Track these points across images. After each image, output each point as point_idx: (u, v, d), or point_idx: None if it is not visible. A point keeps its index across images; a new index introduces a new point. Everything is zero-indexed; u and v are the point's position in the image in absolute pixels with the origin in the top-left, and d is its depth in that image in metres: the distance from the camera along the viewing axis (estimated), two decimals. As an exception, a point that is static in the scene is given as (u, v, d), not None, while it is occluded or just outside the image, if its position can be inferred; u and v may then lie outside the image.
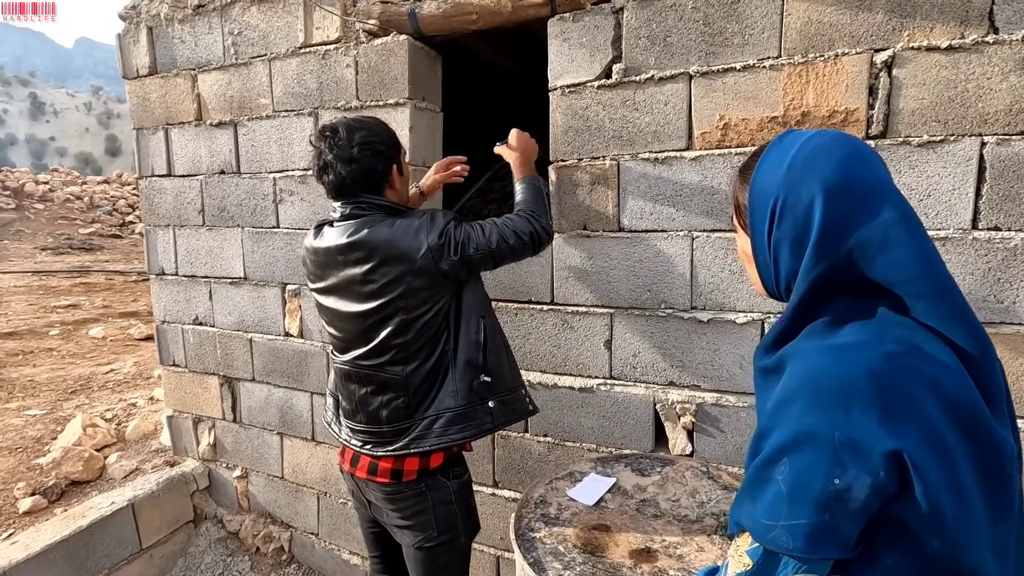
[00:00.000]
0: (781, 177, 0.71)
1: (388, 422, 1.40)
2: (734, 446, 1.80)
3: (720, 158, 1.70)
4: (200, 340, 2.84)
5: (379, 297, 1.33)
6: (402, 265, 1.31)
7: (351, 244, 1.34)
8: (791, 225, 0.70)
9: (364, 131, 1.36)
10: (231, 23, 2.48)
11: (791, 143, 0.75)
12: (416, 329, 1.34)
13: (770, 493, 0.66)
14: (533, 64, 3.25)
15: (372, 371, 1.39)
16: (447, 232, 1.33)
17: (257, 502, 2.87)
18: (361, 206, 1.37)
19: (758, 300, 1.71)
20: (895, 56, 1.48)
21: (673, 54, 1.72)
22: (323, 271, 1.42)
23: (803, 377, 0.70)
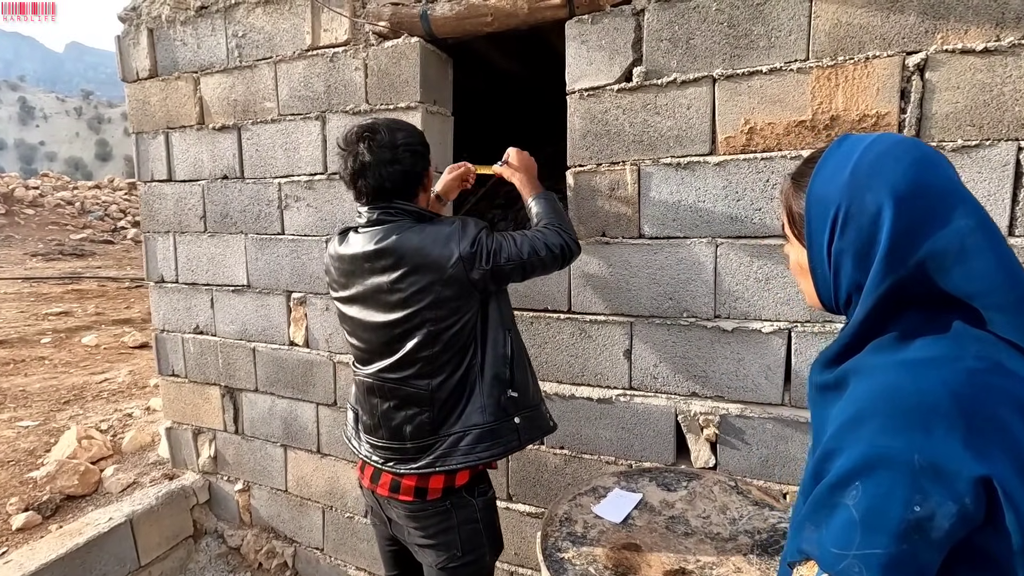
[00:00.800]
0: (843, 184, 0.67)
1: (412, 438, 1.34)
2: (759, 459, 1.75)
3: (745, 163, 1.66)
4: (201, 349, 2.76)
5: (406, 307, 1.27)
6: (432, 274, 1.25)
7: (378, 251, 1.28)
8: (855, 235, 0.66)
9: (404, 132, 1.31)
10: (235, 25, 2.42)
11: (851, 148, 0.70)
12: (444, 341, 1.28)
13: (840, 519, 0.61)
14: (539, 68, 3.22)
15: (396, 384, 1.33)
16: (479, 241, 1.28)
17: (259, 516, 2.79)
18: (390, 211, 1.32)
19: (785, 309, 1.67)
20: (928, 59, 1.44)
21: (696, 57, 1.68)
22: (347, 279, 1.36)
23: (876, 394, 0.65)
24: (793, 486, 1.72)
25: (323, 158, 2.31)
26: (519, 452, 2.04)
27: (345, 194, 2.28)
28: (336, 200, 2.30)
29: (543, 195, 1.54)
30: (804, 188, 0.73)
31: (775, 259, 1.66)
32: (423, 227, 1.29)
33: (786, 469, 1.73)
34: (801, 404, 1.69)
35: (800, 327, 1.66)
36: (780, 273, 1.66)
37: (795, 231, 0.77)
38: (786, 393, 1.71)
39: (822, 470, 0.66)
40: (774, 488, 1.74)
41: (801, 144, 1.59)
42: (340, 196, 2.29)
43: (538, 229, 1.40)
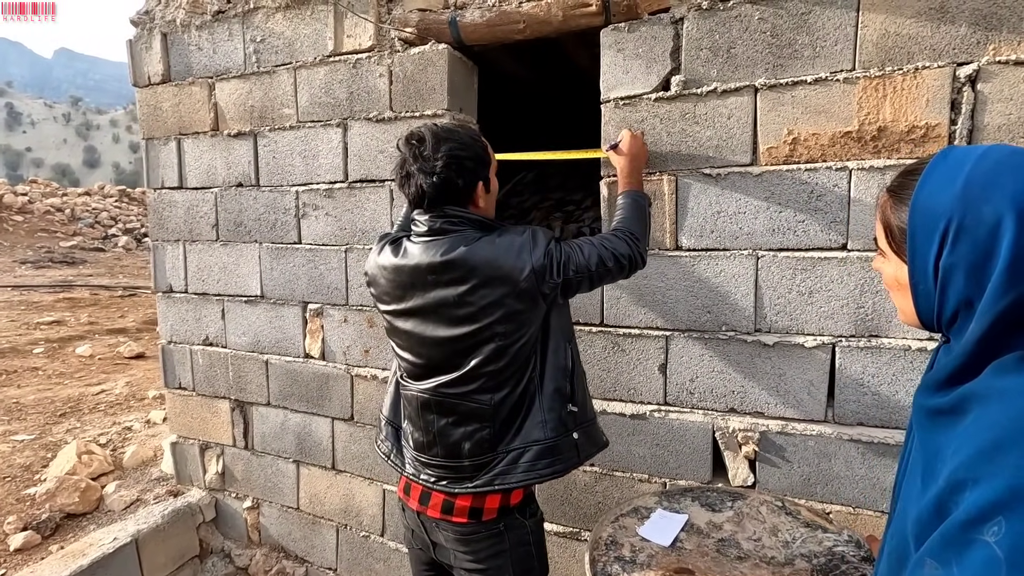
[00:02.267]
0: (955, 196, 0.63)
1: (470, 455, 1.27)
2: (801, 477, 1.71)
3: (788, 174, 1.63)
4: (210, 362, 2.68)
5: (474, 321, 1.21)
6: (504, 287, 1.19)
7: (446, 263, 1.21)
8: (969, 249, 0.62)
9: (452, 143, 1.24)
10: (253, 30, 2.37)
11: (961, 159, 0.66)
12: (510, 355, 1.23)
13: (978, 557, 0.56)
14: (552, 75, 3.20)
15: (457, 400, 1.27)
16: (550, 252, 1.22)
17: (269, 535, 2.69)
18: (452, 221, 1.25)
19: (828, 323, 1.63)
20: (980, 70, 1.42)
21: (738, 66, 1.65)
22: (404, 292, 1.29)
23: (1018, 419, 0.60)
24: (836, 505, 1.68)
25: (344, 166, 2.25)
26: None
27: (366, 203, 2.23)
28: (356, 209, 2.25)
29: (635, 194, 1.50)
30: (905, 201, 0.69)
31: (818, 272, 1.63)
32: (492, 238, 1.23)
33: (828, 488, 1.68)
34: (845, 421, 1.65)
35: (844, 341, 1.62)
36: (823, 286, 1.63)
37: (893, 245, 0.73)
38: (829, 409, 1.67)
39: (950, 502, 0.61)
40: (816, 507, 1.70)
41: (847, 155, 1.56)
42: (361, 205, 2.24)
43: (608, 235, 1.35)
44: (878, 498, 1.63)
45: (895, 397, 1.59)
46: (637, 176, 1.59)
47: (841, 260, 1.60)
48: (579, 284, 1.28)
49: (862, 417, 1.63)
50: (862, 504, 1.65)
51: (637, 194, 1.52)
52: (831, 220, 1.60)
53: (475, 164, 1.27)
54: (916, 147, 1.49)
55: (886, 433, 1.60)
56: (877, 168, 1.53)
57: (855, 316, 1.60)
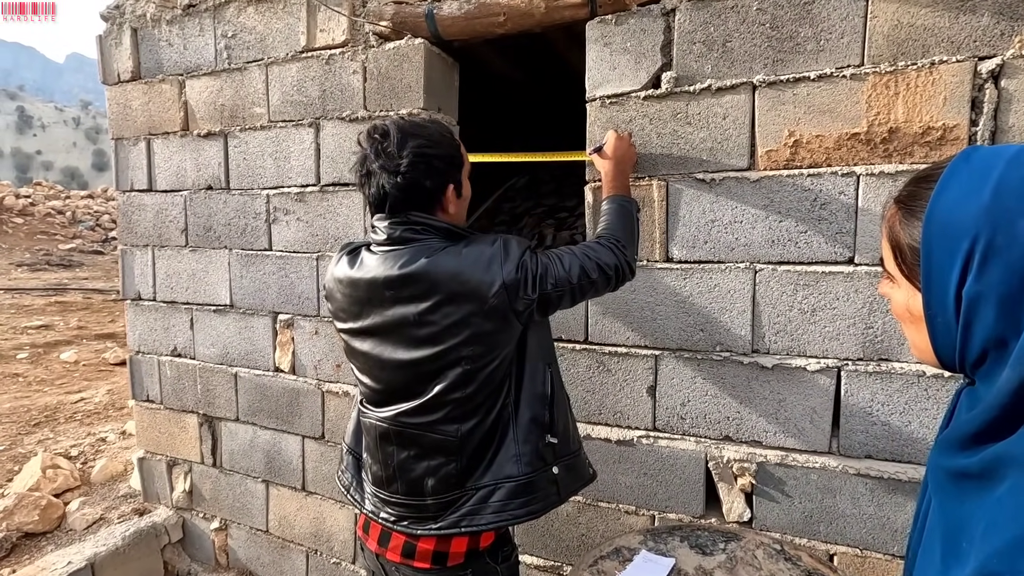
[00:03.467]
0: (983, 208, 0.50)
1: (434, 493, 1.12)
2: (802, 514, 1.55)
3: (789, 180, 1.48)
4: (178, 373, 2.54)
5: (438, 343, 1.05)
6: (470, 304, 1.04)
7: (404, 277, 1.05)
8: (1003, 275, 0.49)
9: (420, 139, 1.08)
10: (225, 24, 2.25)
11: (988, 162, 0.52)
12: (479, 381, 1.07)
13: None
14: (542, 75, 3.06)
15: (419, 430, 1.11)
16: (524, 264, 1.06)
17: (237, 558, 2.54)
18: (414, 228, 1.09)
19: (834, 344, 1.48)
20: (1004, 65, 1.27)
21: (734, 61, 1.51)
22: (361, 308, 1.13)
23: None
24: (842, 546, 1.51)
25: (316, 168, 2.12)
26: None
27: (339, 208, 2.09)
28: (329, 214, 2.11)
29: (621, 199, 1.36)
30: (918, 214, 0.56)
31: (822, 288, 1.47)
32: (458, 248, 1.07)
33: (833, 527, 1.52)
34: (851, 453, 1.49)
35: (851, 365, 1.47)
36: (828, 304, 1.47)
37: (903, 268, 0.59)
38: (834, 440, 1.51)
39: None
40: (819, 548, 1.53)
41: (854, 159, 1.41)
42: (333, 209, 2.10)
43: (591, 243, 1.20)
44: (888, 540, 1.47)
45: (907, 428, 1.43)
46: (623, 180, 1.44)
47: (847, 275, 1.44)
48: (559, 299, 1.12)
49: (870, 449, 1.47)
50: (870, 546, 1.48)
51: (623, 199, 1.37)
52: (836, 231, 1.44)
53: (445, 164, 1.11)
54: (932, 150, 1.34)
55: (897, 468, 1.44)
56: (888, 174, 1.38)
57: (863, 337, 1.44)
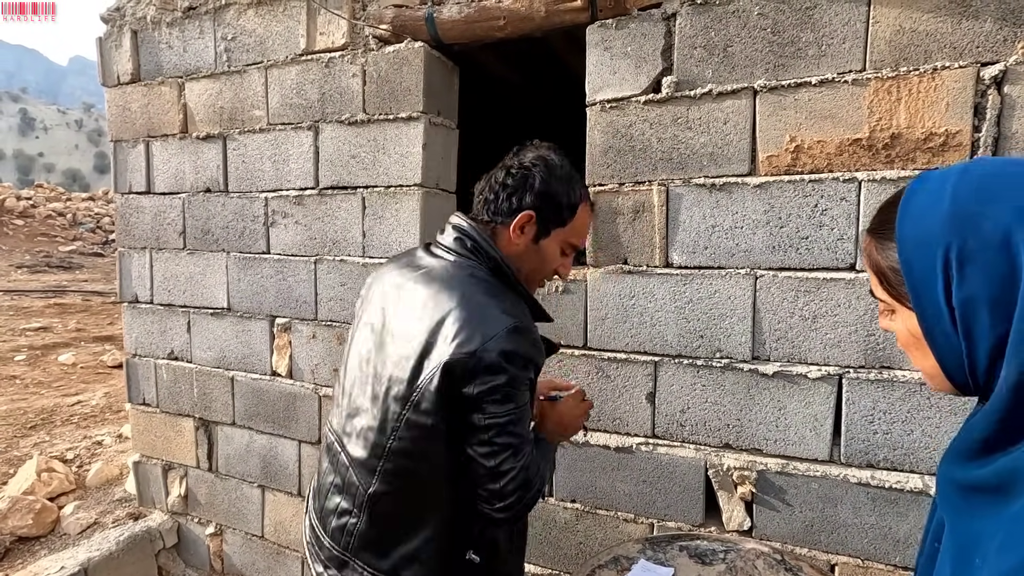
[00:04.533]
0: (945, 216, 0.51)
1: (332, 537, 1.00)
2: (803, 523, 1.53)
3: (790, 185, 1.47)
4: (175, 377, 2.52)
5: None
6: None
7: (413, 303, 0.97)
8: (982, 275, 0.49)
9: (548, 166, 1.00)
10: (225, 27, 2.24)
11: (941, 178, 0.54)
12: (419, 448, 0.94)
13: None
14: (543, 80, 3.06)
15: (347, 457, 1.00)
16: (494, 383, 0.88)
17: (232, 564, 2.51)
18: (466, 242, 1.00)
19: (835, 352, 1.46)
20: (1007, 71, 1.26)
21: (735, 66, 1.50)
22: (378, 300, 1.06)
23: None
24: (843, 556, 1.49)
25: (315, 171, 2.11)
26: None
27: (337, 211, 2.08)
28: (327, 217, 2.10)
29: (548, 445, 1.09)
30: (890, 237, 0.57)
31: (823, 294, 1.46)
32: (484, 292, 0.95)
33: (834, 536, 1.50)
34: (853, 462, 1.47)
35: (852, 373, 1.45)
36: (829, 311, 1.46)
37: (892, 291, 0.59)
38: (835, 448, 1.49)
39: None
40: (820, 558, 1.51)
41: (856, 165, 1.40)
42: (332, 213, 2.09)
43: (536, 457, 0.97)
44: (890, 550, 1.45)
45: (910, 437, 1.41)
46: (560, 437, 1.15)
47: (849, 282, 1.43)
48: (474, 433, 0.90)
49: (872, 458, 1.45)
50: (872, 556, 1.46)
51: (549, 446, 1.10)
52: (838, 237, 1.43)
53: (541, 203, 1.00)
54: (934, 156, 1.33)
55: (899, 477, 1.42)
56: (890, 180, 1.37)
57: (865, 345, 1.43)
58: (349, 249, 2.07)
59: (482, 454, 0.91)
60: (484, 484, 0.92)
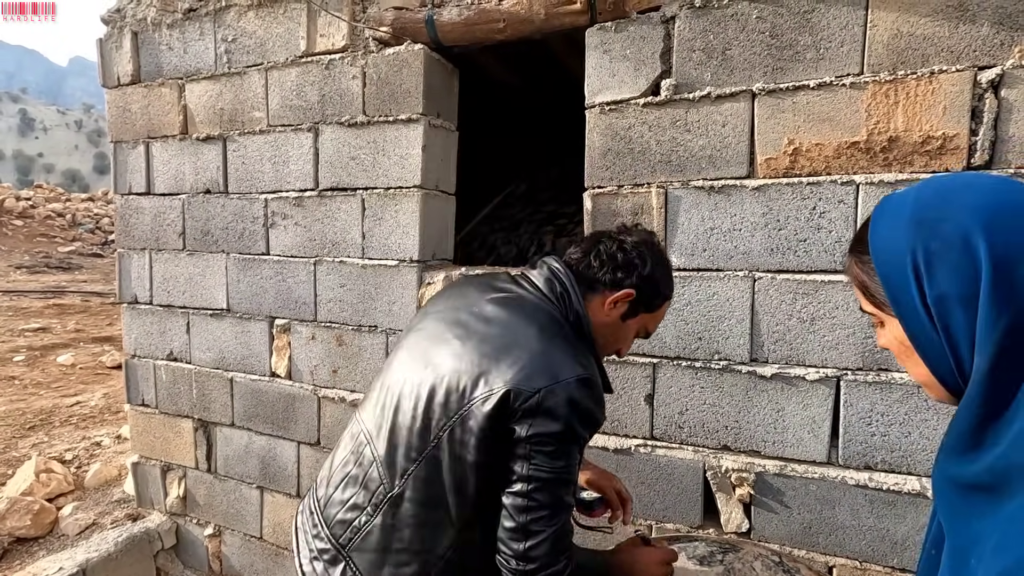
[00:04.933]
0: (908, 224, 0.55)
1: (332, 529, 0.99)
2: (801, 525, 1.53)
3: (788, 188, 1.47)
4: (174, 378, 2.53)
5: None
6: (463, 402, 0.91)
7: (485, 314, 0.98)
8: (949, 275, 0.52)
9: (657, 262, 1.05)
10: (225, 29, 2.25)
11: (902, 195, 0.59)
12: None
13: None
14: (543, 82, 3.07)
15: (373, 452, 1.00)
16: (550, 430, 0.87)
17: (231, 565, 2.51)
18: (556, 287, 1.01)
19: (833, 354, 1.47)
20: (1004, 75, 1.27)
21: (733, 69, 1.51)
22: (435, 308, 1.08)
23: None
24: (841, 558, 1.50)
25: (314, 173, 2.11)
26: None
27: (337, 212, 2.08)
28: (327, 219, 2.10)
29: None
30: (867, 252, 0.60)
31: (821, 297, 1.46)
32: (554, 335, 0.94)
33: (832, 538, 1.50)
34: (851, 464, 1.48)
35: (851, 375, 1.45)
36: (827, 313, 1.46)
37: (877, 303, 0.61)
38: (833, 450, 1.50)
39: None
40: (818, 560, 1.52)
41: (853, 168, 1.41)
42: (331, 214, 2.09)
43: (566, 533, 0.93)
44: (888, 552, 1.45)
45: (908, 439, 1.42)
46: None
47: (847, 284, 1.43)
48: (512, 481, 0.89)
49: (870, 460, 1.46)
50: (870, 558, 1.47)
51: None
52: (836, 240, 1.44)
53: (643, 286, 1.03)
54: (932, 159, 1.34)
55: (897, 479, 1.43)
56: (888, 183, 1.38)
57: (862, 347, 1.43)
58: (349, 250, 2.08)
59: (515, 506, 0.88)
60: (508, 540, 0.89)
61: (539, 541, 0.88)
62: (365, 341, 2.08)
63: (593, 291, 1.04)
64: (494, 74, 2.76)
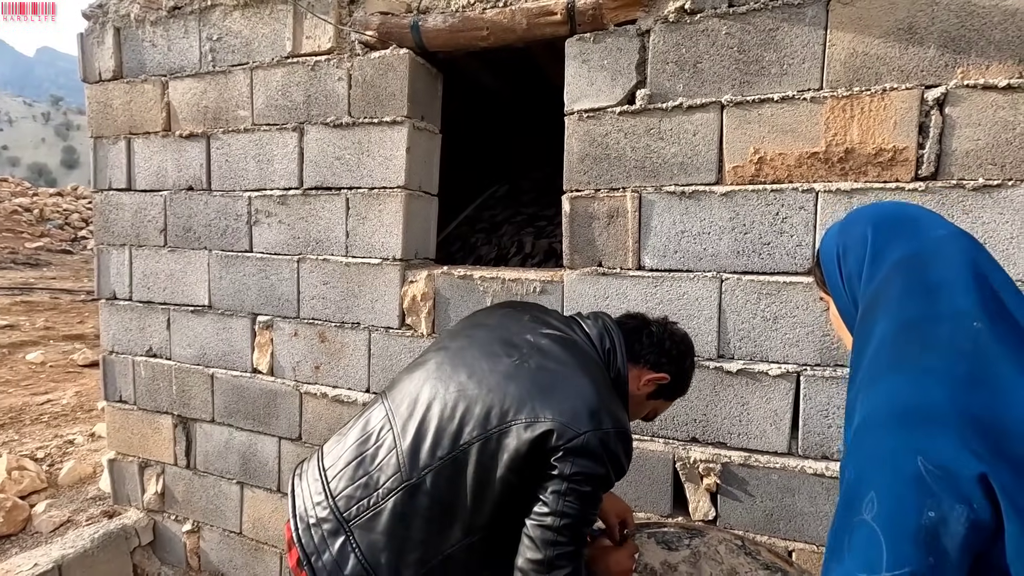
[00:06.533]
0: (836, 232, 0.80)
1: (337, 498, 1.03)
2: (763, 512, 1.62)
3: (754, 194, 1.57)
4: (153, 374, 2.53)
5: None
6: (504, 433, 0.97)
7: (541, 346, 1.06)
8: (855, 259, 0.75)
9: (688, 366, 1.20)
10: (210, 28, 2.27)
11: (835, 224, 0.83)
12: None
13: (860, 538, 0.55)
14: (526, 89, 3.14)
15: (396, 439, 1.04)
16: (589, 472, 0.93)
17: (209, 560, 2.52)
18: (607, 343, 1.11)
19: (793, 350, 1.56)
20: (948, 93, 1.38)
21: (704, 81, 1.59)
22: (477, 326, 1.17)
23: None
24: (800, 543, 1.59)
25: (299, 172, 2.15)
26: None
27: (321, 211, 2.12)
28: (311, 217, 2.14)
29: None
30: (817, 259, 0.84)
31: (783, 297, 1.56)
32: (595, 378, 1.03)
33: (792, 524, 1.60)
34: (809, 454, 1.57)
35: (809, 370, 1.55)
36: (789, 312, 1.56)
37: (824, 288, 0.83)
38: (793, 441, 1.59)
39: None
40: (779, 544, 1.61)
41: (813, 177, 1.51)
42: (315, 213, 2.13)
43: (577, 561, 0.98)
44: (843, 536, 1.55)
45: (861, 430, 1.52)
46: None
47: (807, 286, 1.53)
48: (541, 515, 0.94)
49: (827, 450, 1.55)
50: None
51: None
52: (797, 244, 1.53)
53: (676, 376, 1.18)
54: (884, 170, 1.44)
55: (851, 468, 1.53)
56: (844, 191, 1.48)
57: (820, 344, 1.53)
58: (332, 248, 2.12)
59: (543, 539, 0.92)
60: (531, 570, 0.93)
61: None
62: (348, 337, 2.12)
63: (634, 362, 1.14)
64: (477, 79, 2.82)
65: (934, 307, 0.63)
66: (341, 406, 2.14)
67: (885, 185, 1.44)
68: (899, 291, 0.66)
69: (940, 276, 0.65)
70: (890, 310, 0.66)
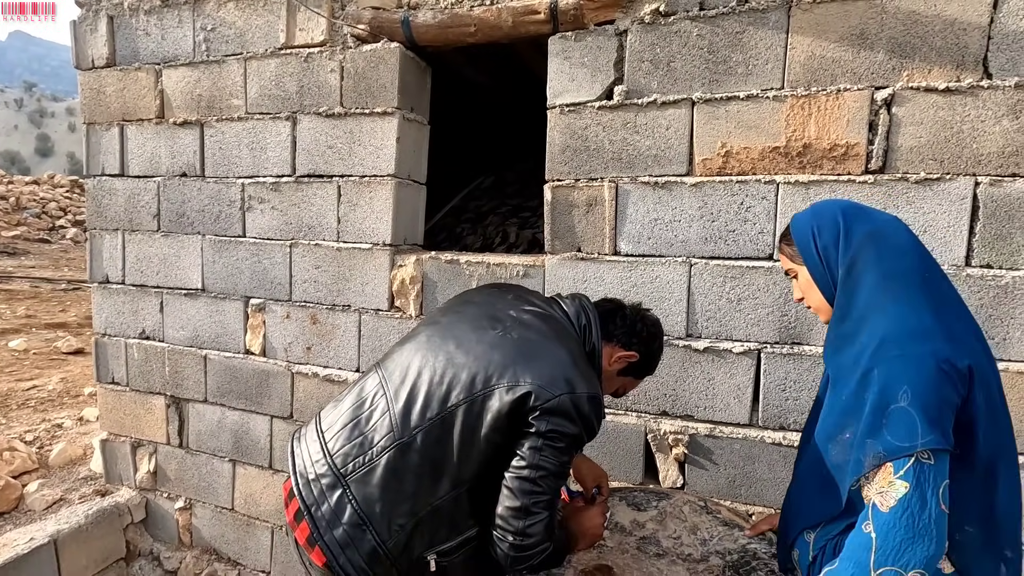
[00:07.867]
0: (809, 217, 1.02)
1: (335, 454, 1.12)
2: (727, 479, 1.76)
3: (721, 185, 1.69)
4: (146, 356, 2.59)
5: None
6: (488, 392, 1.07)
7: (523, 320, 1.16)
8: (828, 234, 0.98)
9: (657, 349, 1.31)
10: (204, 18, 2.33)
11: (803, 212, 1.05)
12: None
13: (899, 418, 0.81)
14: (512, 83, 3.24)
15: (389, 403, 1.13)
16: (563, 429, 1.04)
17: (201, 536, 2.60)
18: (583, 319, 1.21)
19: (755, 330, 1.69)
20: (895, 94, 1.51)
21: (676, 79, 1.71)
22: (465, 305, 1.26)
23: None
24: (759, 507, 1.73)
25: (291, 159, 2.23)
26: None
27: (313, 198, 2.20)
28: (303, 203, 2.22)
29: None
30: (787, 239, 1.06)
31: (747, 280, 1.69)
32: (571, 348, 1.13)
33: (752, 490, 1.74)
34: (768, 425, 1.71)
35: (769, 348, 1.69)
36: (751, 294, 1.69)
37: (795, 260, 1.04)
38: (754, 413, 1.73)
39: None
40: (740, 508, 1.75)
41: (775, 169, 1.64)
42: (308, 199, 2.21)
43: (554, 522, 1.09)
44: (798, 500, 1.69)
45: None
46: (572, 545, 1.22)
47: (767, 270, 1.66)
48: (520, 468, 1.04)
49: (784, 421, 1.69)
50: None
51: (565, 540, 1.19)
52: (759, 231, 1.66)
53: (644, 356, 1.28)
54: (837, 164, 1.57)
55: (806, 437, 1.67)
56: (802, 183, 1.61)
57: (779, 324, 1.67)
58: (324, 234, 2.20)
59: (520, 489, 1.03)
60: (510, 517, 1.03)
61: (537, 521, 1.04)
62: (339, 319, 2.21)
63: (607, 340, 1.25)
64: (465, 73, 2.91)
65: (904, 262, 0.91)
66: (332, 385, 2.23)
67: (839, 178, 1.58)
68: (875, 254, 0.92)
69: (901, 242, 0.93)
70: (872, 265, 0.92)
